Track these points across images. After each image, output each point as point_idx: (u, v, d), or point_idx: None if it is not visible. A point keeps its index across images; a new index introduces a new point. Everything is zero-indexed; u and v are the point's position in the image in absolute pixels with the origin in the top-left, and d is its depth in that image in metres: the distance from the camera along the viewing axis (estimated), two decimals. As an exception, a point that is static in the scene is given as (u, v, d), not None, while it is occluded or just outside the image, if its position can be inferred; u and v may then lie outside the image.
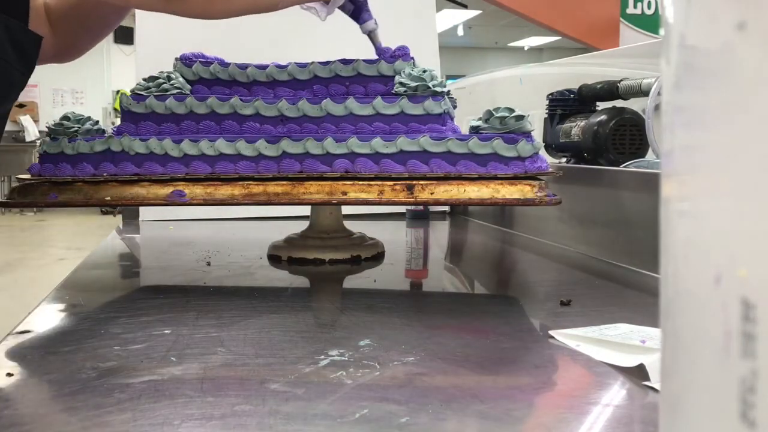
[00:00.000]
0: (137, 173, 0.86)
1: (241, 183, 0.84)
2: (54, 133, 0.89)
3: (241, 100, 0.88)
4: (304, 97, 0.89)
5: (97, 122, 0.92)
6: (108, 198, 0.85)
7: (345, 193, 0.82)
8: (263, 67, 0.92)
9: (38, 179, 0.87)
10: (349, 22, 0.91)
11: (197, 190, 0.84)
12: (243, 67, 0.92)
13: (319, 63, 0.91)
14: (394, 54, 0.90)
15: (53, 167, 0.87)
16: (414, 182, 0.82)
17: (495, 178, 0.81)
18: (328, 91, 0.91)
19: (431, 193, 0.81)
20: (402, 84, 0.87)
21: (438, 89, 0.86)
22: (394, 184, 0.82)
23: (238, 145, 0.85)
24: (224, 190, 0.84)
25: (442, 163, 0.83)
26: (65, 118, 0.90)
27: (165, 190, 0.84)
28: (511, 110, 0.83)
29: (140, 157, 0.87)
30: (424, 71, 0.87)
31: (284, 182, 0.83)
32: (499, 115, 0.83)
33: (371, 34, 0.91)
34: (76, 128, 0.88)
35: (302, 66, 0.91)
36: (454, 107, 0.95)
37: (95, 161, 0.87)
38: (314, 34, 1.33)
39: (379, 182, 0.82)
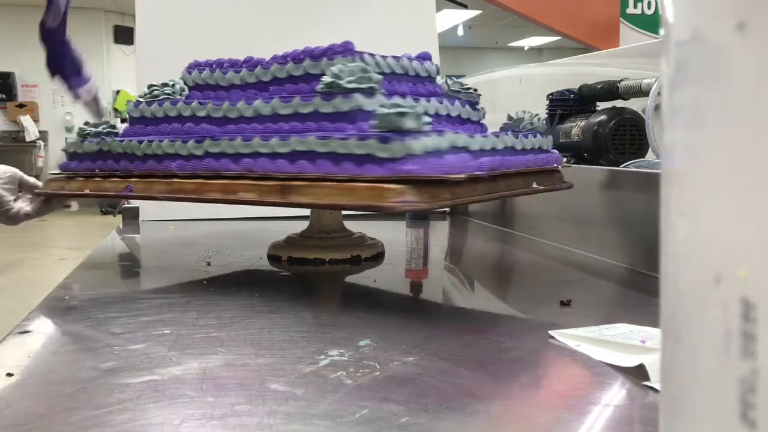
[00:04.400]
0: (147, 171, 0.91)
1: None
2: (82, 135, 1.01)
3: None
4: (243, 98, 0.90)
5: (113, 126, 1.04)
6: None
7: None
8: (238, 72, 0.94)
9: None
10: (349, 20, 0.91)
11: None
12: (225, 71, 0.93)
13: (262, 66, 0.91)
14: (329, 52, 0.85)
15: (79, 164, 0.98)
16: (286, 183, 0.78)
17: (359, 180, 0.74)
18: (269, 93, 0.90)
19: (304, 195, 0.76)
20: (324, 82, 0.81)
21: (350, 86, 0.78)
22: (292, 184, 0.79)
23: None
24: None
25: (327, 164, 0.76)
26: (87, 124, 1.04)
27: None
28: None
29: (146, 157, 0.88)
30: (362, 69, 0.79)
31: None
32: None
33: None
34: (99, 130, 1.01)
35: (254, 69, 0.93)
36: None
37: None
38: (313, 33, 1.33)
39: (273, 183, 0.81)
